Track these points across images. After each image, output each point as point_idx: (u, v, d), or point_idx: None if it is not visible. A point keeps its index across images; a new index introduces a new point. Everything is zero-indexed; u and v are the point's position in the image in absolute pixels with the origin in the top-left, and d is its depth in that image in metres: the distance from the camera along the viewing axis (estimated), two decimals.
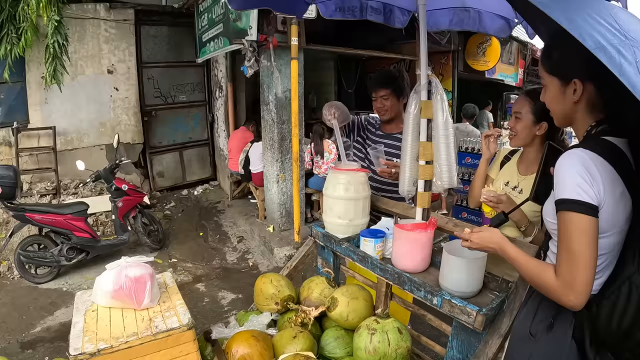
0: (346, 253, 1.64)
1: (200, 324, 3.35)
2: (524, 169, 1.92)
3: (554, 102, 1.20)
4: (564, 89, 1.15)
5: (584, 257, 1.00)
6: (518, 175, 1.92)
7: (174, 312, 1.52)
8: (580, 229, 1.02)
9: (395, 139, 2.31)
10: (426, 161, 1.64)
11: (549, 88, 1.20)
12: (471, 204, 2.13)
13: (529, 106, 1.78)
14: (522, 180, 1.89)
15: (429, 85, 1.60)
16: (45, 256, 4.09)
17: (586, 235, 1.01)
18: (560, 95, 1.17)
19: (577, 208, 1.02)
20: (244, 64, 4.36)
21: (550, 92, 1.20)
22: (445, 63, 7.67)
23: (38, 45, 5.48)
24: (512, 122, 1.85)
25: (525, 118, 1.79)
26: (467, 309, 1.09)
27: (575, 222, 1.02)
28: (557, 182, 1.08)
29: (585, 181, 1.02)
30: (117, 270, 1.57)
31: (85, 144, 6.23)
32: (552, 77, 1.17)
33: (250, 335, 1.52)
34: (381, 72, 2.45)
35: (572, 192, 1.03)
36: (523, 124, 1.80)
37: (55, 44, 5.13)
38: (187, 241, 5.25)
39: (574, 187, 1.03)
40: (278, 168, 4.87)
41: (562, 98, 1.17)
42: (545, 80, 1.21)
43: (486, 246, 1.26)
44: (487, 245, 1.25)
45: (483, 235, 1.27)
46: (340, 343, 1.55)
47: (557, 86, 1.16)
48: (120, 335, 1.42)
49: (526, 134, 1.82)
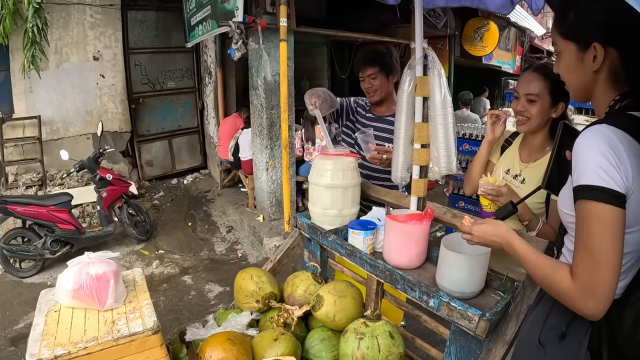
0: (333, 246, 1.48)
1: (185, 319, 3.21)
2: (526, 156, 1.73)
3: (569, 72, 1.03)
4: (581, 55, 0.98)
5: (606, 256, 0.84)
6: (520, 163, 1.73)
7: (139, 313, 1.36)
8: (603, 221, 0.85)
9: (386, 121, 2.14)
10: (422, 144, 1.47)
11: (563, 56, 1.02)
12: (467, 190, 1.93)
13: (544, 85, 1.57)
14: (524, 168, 1.71)
15: (425, 59, 1.43)
16: (28, 249, 3.97)
17: (610, 230, 0.84)
18: (578, 64, 0.99)
19: (600, 196, 0.85)
20: (231, 47, 4.16)
21: (565, 60, 1.02)
22: (441, 48, 7.48)
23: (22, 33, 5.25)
24: (522, 105, 1.61)
25: (542, 100, 1.58)
26: (468, 314, 0.94)
27: (597, 214, 0.85)
28: (576, 164, 0.91)
29: (610, 164, 0.85)
30: (78, 268, 1.41)
31: (71, 134, 6.05)
32: (568, 42, 1.00)
33: (225, 338, 1.36)
34: (367, 49, 2.23)
35: (594, 177, 0.86)
36: (540, 107, 1.59)
37: (34, 28, 4.90)
38: (175, 232, 5.10)
39: (596, 171, 0.86)
40: (267, 155, 4.71)
41: (579, 67, 0.99)
42: (559, 47, 1.03)
43: (490, 240, 1.10)
44: (491, 239, 1.10)
45: (486, 227, 1.11)
46: (327, 345, 1.41)
47: (574, 52, 0.99)
48: (79, 340, 1.28)
49: (542, 119, 1.61)
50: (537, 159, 1.69)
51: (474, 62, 8.24)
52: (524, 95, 1.60)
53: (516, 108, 1.64)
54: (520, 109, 1.62)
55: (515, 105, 1.65)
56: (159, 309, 3.42)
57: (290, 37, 4.34)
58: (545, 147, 1.68)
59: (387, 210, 1.39)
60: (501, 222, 1.13)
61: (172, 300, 3.56)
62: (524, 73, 1.66)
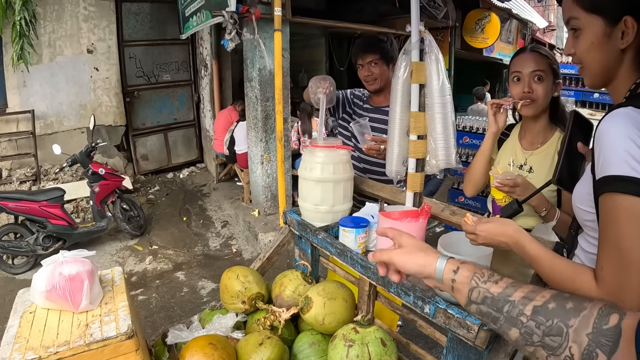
0: (323, 245, 1.39)
1: (176, 316, 3.14)
2: (528, 143, 1.65)
3: (593, 51, 0.90)
4: (609, 31, 0.86)
5: (637, 257, 0.73)
6: (522, 151, 1.65)
7: (114, 316, 1.27)
8: (633, 217, 0.74)
9: (384, 112, 2.04)
10: (418, 135, 1.37)
11: (586, 32, 0.90)
12: (468, 191, 1.78)
13: (546, 63, 1.49)
14: (529, 156, 1.62)
15: (421, 43, 1.33)
16: (20, 246, 3.90)
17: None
18: (604, 41, 0.87)
19: (630, 188, 0.74)
20: (225, 37, 4.05)
21: (588, 37, 0.90)
22: (441, 40, 7.35)
23: None
24: (528, 86, 1.51)
25: (547, 78, 1.50)
26: (467, 322, 0.84)
27: (627, 208, 0.74)
28: (600, 153, 0.80)
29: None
30: (51, 268, 1.32)
31: (65, 128, 5.99)
32: (593, 17, 0.88)
33: (207, 342, 1.27)
34: (367, 37, 2.16)
35: (623, 166, 0.75)
36: (545, 86, 1.51)
37: (22, 20, 4.80)
38: (170, 227, 5.02)
39: (625, 159, 0.75)
40: (262, 148, 4.61)
41: (605, 44, 0.88)
42: (580, 22, 0.90)
43: (496, 240, 1.00)
44: (498, 239, 1.00)
45: (492, 226, 1.01)
46: (316, 350, 1.31)
47: (601, 28, 0.87)
48: (51, 344, 1.19)
49: (547, 99, 1.53)
50: (541, 144, 1.61)
51: (475, 55, 8.12)
52: (530, 73, 1.51)
53: (521, 90, 1.53)
54: (526, 89, 1.52)
55: (517, 88, 1.55)
56: (150, 306, 3.34)
57: (286, 27, 4.24)
58: (547, 131, 1.61)
59: (381, 207, 1.30)
60: (509, 220, 1.03)
61: (165, 297, 3.48)
62: (522, 54, 1.56)
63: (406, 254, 0.82)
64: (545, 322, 0.60)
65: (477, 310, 0.70)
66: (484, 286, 0.69)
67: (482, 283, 0.69)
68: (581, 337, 0.56)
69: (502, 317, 0.66)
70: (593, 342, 0.55)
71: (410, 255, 0.81)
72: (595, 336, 0.55)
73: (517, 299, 0.65)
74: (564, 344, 0.58)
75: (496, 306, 0.67)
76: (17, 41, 4.90)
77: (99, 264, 4.07)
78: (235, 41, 4.01)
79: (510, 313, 0.65)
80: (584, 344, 0.55)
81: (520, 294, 0.65)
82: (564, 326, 0.58)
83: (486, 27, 7.34)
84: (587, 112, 5.37)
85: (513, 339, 0.65)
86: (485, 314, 0.69)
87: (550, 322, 0.60)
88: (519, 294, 0.65)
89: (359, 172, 2.14)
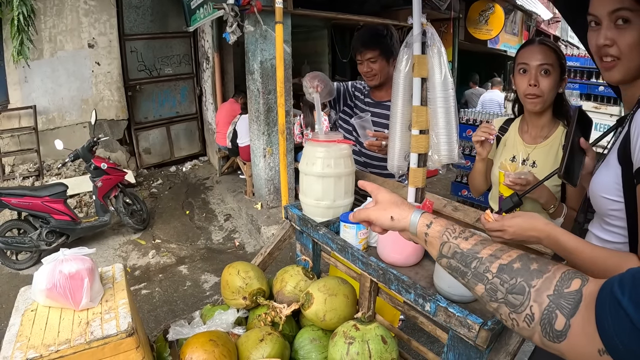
0: (324, 240, 1.38)
1: (179, 310, 3.15)
2: (530, 137, 1.62)
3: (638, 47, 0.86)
4: None
5: None
6: (524, 146, 1.62)
7: (114, 314, 1.27)
8: None
9: (386, 107, 2.01)
10: (420, 130, 1.35)
11: (635, 26, 0.85)
12: (475, 195, 1.83)
13: (555, 57, 1.45)
14: (531, 151, 1.60)
15: (423, 36, 1.30)
16: (24, 241, 3.91)
17: None
18: None
19: None
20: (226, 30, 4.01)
21: (637, 32, 0.85)
22: (445, 31, 7.27)
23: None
24: (535, 79, 1.48)
25: (554, 72, 1.46)
26: (468, 321, 0.83)
27: None
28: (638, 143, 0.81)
29: None
30: (51, 266, 1.32)
31: (67, 123, 5.98)
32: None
33: (207, 339, 1.27)
34: (366, 30, 2.08)
35: None
36: (552, 80, 1.47)
37: (20, 16, 4.77)
38: (173, 220, 5.02)
39: None
40: (265, 141, 4.60)
41: None
42: (631, 14, 0.85)
43: (526, 235, 0.98)
44: (528, 234, 0.98)
45: (521, 221, 0.99)
46: (317, 346, 1.31)
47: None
48: (52, 342, 1.19)
49: (552, 94, 1.50)
50: (545, 138, 1.58)
51: (479, 46, 8.03)
52: (538, 66, 1.47)
53: (527, 83, 1.49)
54: (532, 82, 1.48)
55: (523, 80, 1.51)
56: (153, 300, 3.35)
57: (287, 19, 4.20)
58: (551, 125, 1.59)
59: None
60: (535, 214, 1.01)
61: (168, 291, 3.49)
62: (530, 45, 1.52)
63: (381, 209, 0.85)
64: (509, 280, 0.62)
65: (447, 264, 0.72)
66: (455, 242, 0.71)
67: (453, 239, 0.71)
68: (542, 297, 0.57)
69: (469, 273, 0.67)
70: (553, 303, 0.56)
71: (385, 211, 0.84)
72: (556, 298, 0.56)
73: (485, 256, 0.66)
74: (526, 303, 0.59)
75: (465, 261, 0.69)
76: (17, 37, 4.87)
77: (102, 258, 4.08)
78: (237, 34, 3.98)
79: (477, 269, 0.66)
80: (545, 304, 0.57)
81: (488, 251, 0.67)
82: (526, 286, 0.60)
83: (490, 18, 7.25)
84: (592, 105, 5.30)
85: (479, 294, 0.67)
86: (455, 268, 0.71)
87: (514, 280, 0.61)
88: (486, 251, 0.67)
89: (360, 166, 2.12)
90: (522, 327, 0.59)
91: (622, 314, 0.45)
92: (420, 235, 0.77)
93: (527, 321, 0.58)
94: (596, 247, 0.89)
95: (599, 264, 0.86)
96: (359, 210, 0.90)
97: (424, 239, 0.76)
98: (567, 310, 0.54)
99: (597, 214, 1.00)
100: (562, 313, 0.54)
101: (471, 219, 1.24)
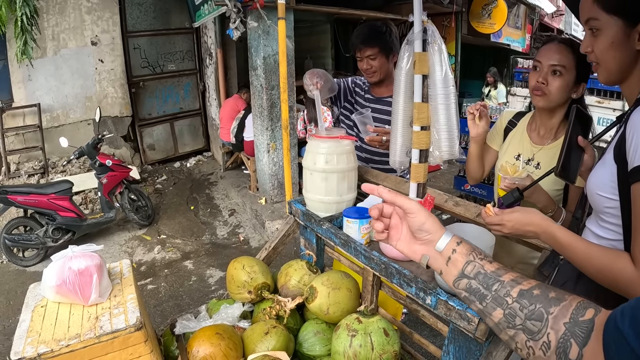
0: (327, 235, 1.40)
1: (185, 305, 3.19)
2: (538, 137, 1.59)
3: (612, 50, 0.93)
4: (629, 31, 0.89)
5: None
6: (532, 146, 1.59)
7: (123, 309, 1.30)
8: None
9: (386, 103, 2.03)
10: (421, 127, 1.37)
11: (606, 32, 0.93)
12: (470, 182, 1.83)
13: (572, 59, 1.42)
14: (537, 151, 1.57)
15: (424, 33, 1.31)
16: (30, 238, 3.95)
17: None
18: (623, 41, 0.91)
19: None
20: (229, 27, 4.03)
21: (607, 37, 0.93)
22: (447, 25, 7.24)
23: None
24: (543, 77, 1.46)
25: (567, 74, 1.43)
26: (468, 314, 0.85)
27: None
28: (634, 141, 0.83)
29: None
30: (61, 263, 1.35)
31: (71, 120, 6.03)
32: (613, 17, 0.91)
33: (214, 332, 1.30)
34: (365, 27, 2.06)
35: None
36: (563, 82, 1.44)
37: (23, 16, 4.81)
38: (177, 216, 5.06)
39: None
40: (268, 137, 4.62)
41: (624, 44, 0.91)
42: (599, 23, 0.93)
43: (524, 230, 1.01)
44: (525, 228, 1.00)
45: (519, 216, 1.02)
46: (321, 339, 1.34)
47: (620, 29, 0.90)
48: (62, 337, 1.22)
49: (560, 96, 1.46)
50: (552, 140, 1.56)
51: (482, 40, 8.00)
52: (549, 65, 1.45)
53: (535, 80, 1.48)
54: (540, 79, 1.46)
55: (532, 77, 1.50)
56: (159, 295, 3.40)
57: (290, 15, 4.21)
58: (560, 128, 1.55)
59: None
60: (534, 209, 1.04)
61: (173, 286, 3.53)
62: (549, 43, 1.50)
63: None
64: (528, 305, 0.63)
65: (466, 286, 0.72)
66: (480, 262, 0.72)
67: (479, 260, 0.72)
68: (559, 324, 0.59)
69: (489, 296, 0.68)
70: (569, 331, 0.57)
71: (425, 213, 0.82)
72: (571, 326, 0.57)
73: (507, 280, 0.68)
74: (543, 330, 0.60)
75: (486, 283, 0.69)
76: (20, 37, 4.91)
77: (108, 254, 4.12)
78: (240, 30, 4.00)
79: (498, 292, 0.67)
80: (561, 332, 0.58)
81: (510, 276, 0.68)
82: (544, 312, 0.61)
83: (493, 12, 7.21)
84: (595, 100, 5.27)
85: (496, 320, 0.67)
86: (474, 291, 0.71)
87: (533, 306, 0.62)
88: (508, 276, 0.68)
89: (361, 162, 2.12)
90: (538, 356, 0.60)
91: (623, 343, 0.47)
92: (446, 253, 0.75)
93: (543, 349, 0.59)
94: (590, 245, 0.91)
95: (593, 261, 0.88)
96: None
97: (448, 257, 0.74)
98: (580, 339, 0.55)
99: (594, 210, 1.02)
100: (576, 342, 0.56)
101: (472, 214, 1.26)
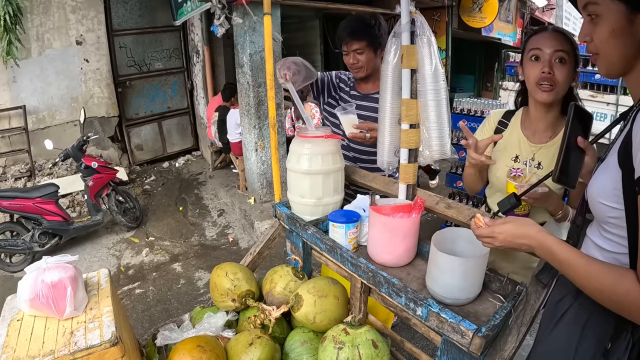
0: (312, 240, 1.34)
1: (174, 309, 3.12)
2: (537, 135, 1.48)
3: (614, 39, 0.83)
4: (632, 18, 0.80)
5: None
6: (530, 145, 1.48)
7: (98, 322, 1.23)
8: None
9: (372, 99, 1.94)
10: (410, 124, 1.31)
11: (606, 19, 0.83)
12: (470, 194, 1.73)
13: (571, 46, 1.33)
14: (537, 150, 1.46)
15: (412, 25, 1.25)
16: (17, 244, 3.86)
17: None
18: (626, 29, 0.81)
19: None
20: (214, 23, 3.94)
21: (608, 24, 0.83)
22: (438, 20, 7.19)
23: None
24: (549, 67, 1.33)
25: (570, 62, 1.34)
26: (461, 327, 0.79)
27: None
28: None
29: None
30: (34, 275, 1.28)
31: (57, 122, 5.89)
32: (615, 3, 0.81)
33: (195, 345, 1.24)
34: (352, 20, 1.96)
35: None
36: (568, 70, 1.34)
37: (6, 15, 4.67)
38: (166, 217, 4.97)
39: None
40: (256, 135, 4.54)
41: (627, 32, 0.81)
42: (599, 8, 0.83)
43: (517, 243, 0.91)
44: (518, 241, 0.90)
45: (511, 227, 0.91)
46: (308, 348, 1.28)
47: (623, 15, 0.81)
48: (37, 353, 1.17)
49: (566, 86, 1.37)
50: (551, 137, 1.46)
51: (473, 34, 7.96)
52: (553, 52, 1.33)
53: (539, 71, 1.35)
54: (546, 70, 1.34)
55: (535, 68, 1.36)
56: (147, 299, 3.32)
57: (276, 10, 4.12)
58: (557, 123, 1.46)
59: (372, 201, 1.24)
60: (529, 219, 0.94)
61: (162, 289, 3.45)
62: (542, 33, 1.39)
63: None
64: None
65: None
66: None
67: None
68: None
69: None
70: None
71: None
72: None
73: None
74: None
75: None
76: (4, 37, 4.77)
77: (95, 258, 4.03)
78: (225, 26, 3.91)
79: None
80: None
81: None
82: None
83: (484, 6, 7.18)
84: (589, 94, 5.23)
85: None
86: None
87: None
88: None
89: (349, 161, 2.04)
90: None
91: None
92: None
93: None
94: (591, 261, 0.82)
95: (593, 280, 0.80)
96: None
97: None
98: None
99: (596, 219, 0.93)
100: None
101: (465, 217, 1.19)
